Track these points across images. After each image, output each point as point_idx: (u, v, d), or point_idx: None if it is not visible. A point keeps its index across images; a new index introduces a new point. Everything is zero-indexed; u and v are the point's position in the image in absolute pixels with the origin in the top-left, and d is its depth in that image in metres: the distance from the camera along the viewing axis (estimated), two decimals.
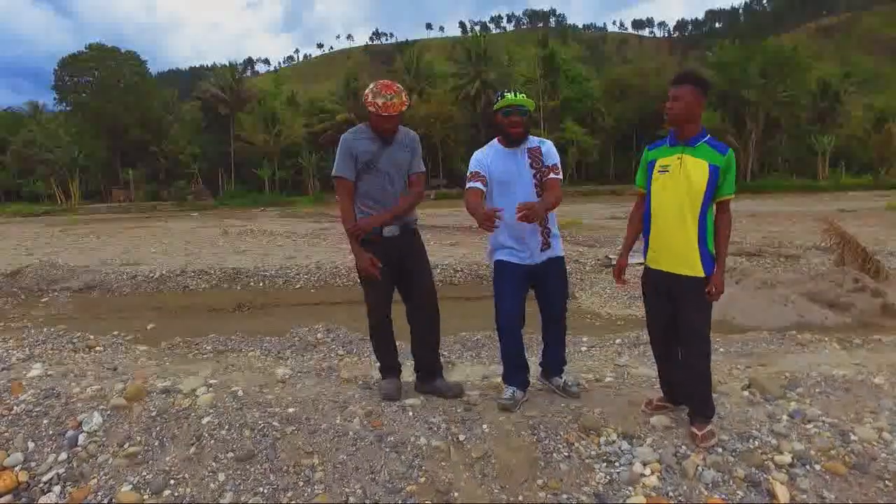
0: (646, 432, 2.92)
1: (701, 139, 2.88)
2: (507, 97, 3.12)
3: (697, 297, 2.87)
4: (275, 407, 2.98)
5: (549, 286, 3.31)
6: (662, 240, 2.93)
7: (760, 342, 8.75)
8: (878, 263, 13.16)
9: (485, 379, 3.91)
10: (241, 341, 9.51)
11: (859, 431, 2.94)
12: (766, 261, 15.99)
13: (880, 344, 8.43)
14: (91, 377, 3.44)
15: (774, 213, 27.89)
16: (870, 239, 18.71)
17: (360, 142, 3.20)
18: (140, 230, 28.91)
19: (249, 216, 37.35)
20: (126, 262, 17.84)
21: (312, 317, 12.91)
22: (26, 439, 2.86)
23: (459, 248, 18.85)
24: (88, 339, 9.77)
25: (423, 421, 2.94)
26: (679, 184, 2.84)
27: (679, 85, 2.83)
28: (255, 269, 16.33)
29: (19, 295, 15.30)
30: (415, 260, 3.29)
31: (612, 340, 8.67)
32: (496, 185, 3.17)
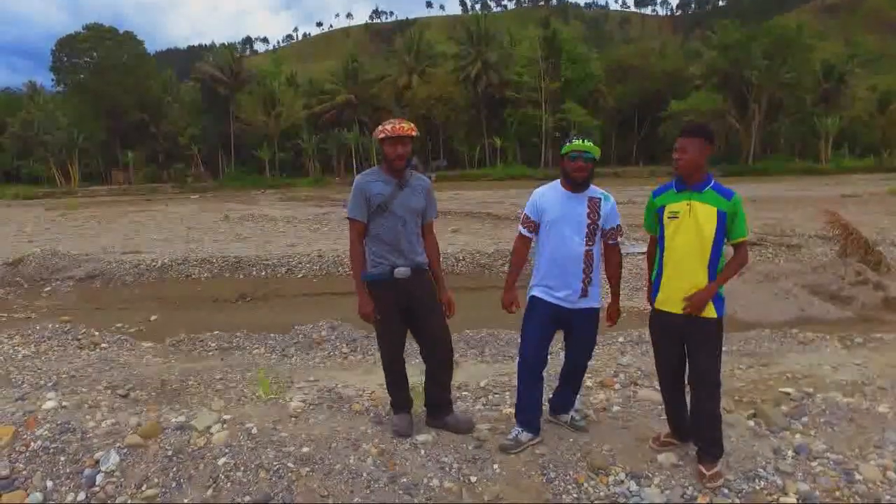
0: (653, 471, 2.97)
1: (707, 185, 2.94)
2: (575, 143, 3.15)
3: (708, 340, 2.92)
4: (289, 446, 3.03)
5: (579, 336, 3.34)
6: (674, 282, 2.98)
7: (762, 341, 8.81)
8: (880, 255, 13.20)
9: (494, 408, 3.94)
10: (246, 338, 9.56)
11: (864, 470, 2.99)
12: (768, 250, 16.00)
13: (882, 343, 8.49)
14: (105, 408, 3.49)
15: (775, 199, 27.82)
16: (872, 227, 18.72)
17: (374, 184, 3.23)
18: (141, 214, 28.90)
19: (250, 199, 37.27)
20: (127, 249, 17.87)
21: (315, 308, 12.98)
22: (44, 477, 2.92)
23: (461, 236, 18.85)
24: (93, 335, 9.84)
25: (435, 460, 2.99)
26: (689, 230, 2.90)
27: (687, 137, 2.91)
28: (257, 257, 16.36)
29: (22, 284, 15.35)
30: (426, 302, 3.32)
31: (615, 339, 8.73)
32: (547, 224, 3.23)
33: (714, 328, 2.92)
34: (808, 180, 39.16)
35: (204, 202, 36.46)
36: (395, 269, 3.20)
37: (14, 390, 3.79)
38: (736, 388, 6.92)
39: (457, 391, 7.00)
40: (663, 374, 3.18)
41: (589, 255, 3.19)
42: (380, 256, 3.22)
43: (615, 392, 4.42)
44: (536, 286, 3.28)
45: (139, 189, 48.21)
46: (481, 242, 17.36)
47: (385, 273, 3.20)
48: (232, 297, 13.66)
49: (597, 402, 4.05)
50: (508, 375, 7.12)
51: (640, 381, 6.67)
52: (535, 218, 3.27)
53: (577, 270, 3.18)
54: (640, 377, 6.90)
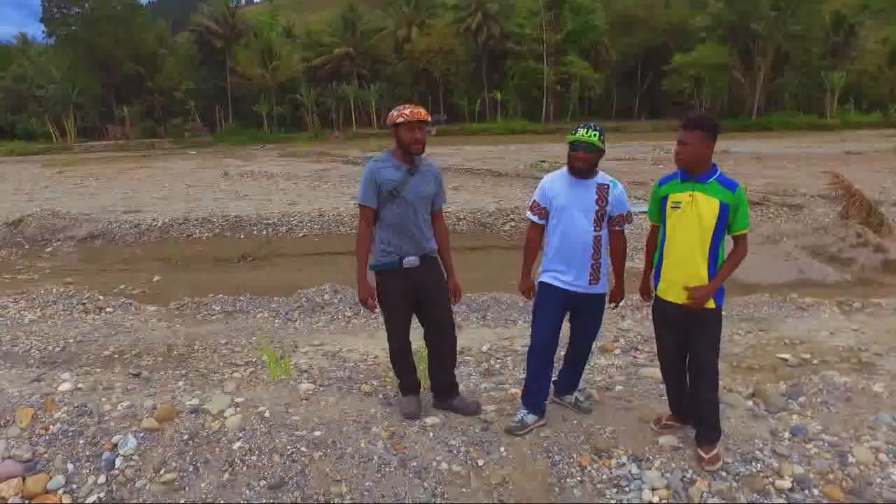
0: (655, 453, 3.08)
1: (711, 176, 2.95)
2: (580, 133, 3.15)
3: (708, 330, 2.99)
4: (301, 429, 3.12)
5: (585, 321, 3.41)
6: (674, 272, 3.02)
7: (761, 306, 8.92)
8: (881, 217, 13.21)
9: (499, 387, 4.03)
10: (249, 302, 9.67)
11: (857, 452, 3.09)
12: (770, 210, 16.00)
13: (879, 308, 8.60)
14: (119, 390, 3.57)
15: (779, 156, 27.58)
16: (875, 186, 18.66)
17: (385, 171, 3.23)
18: (139, 171, 28.70)
19: (249, 155, 36.95)
20: (128, 208, 17.87)
21: (317, 268, 13.09)
22: (65, 461, 3.02)
23: (462, 193, 18.82)
24: (97, 300, 9.94)
25: (443, 443, 3.09)
26: (691, 221, 2.92)
27: (689, 130, 2.88)
28: (258, 216, 16.37)
29: (23, 245, 15.40)
30: (434, 291, 3.36)
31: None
32: (556, 210, 3.26)
33: (714, 318, 2.98)
34: (813, 136, 38.74)
35: (202, 158, 36.16)
36: (403, 258, 3.23)
37: (29, 370, 3.87)
38: (734, 354, 7.06)
39: (459, 356, 7.12)
40: (664, 359, 3.26)
41: (598, 241, 3.23)
42: (389, 244, 3.25)
43: (617, 369, 4.51)
44: (546, 272, 3.33)
45: (137, 145, 47.70)
46: (482, 200, 17.34)
47: (394, 262, 3.23)
48: (234, 258, 13.74)
49: (600, 379, 4.15)
50: (510, 339, 7.25)
51: (640, 345, 6.79)
52: (544, 204, 3.29)
53: (587, 256, 3.22)
54: (640, 342, 7.03)
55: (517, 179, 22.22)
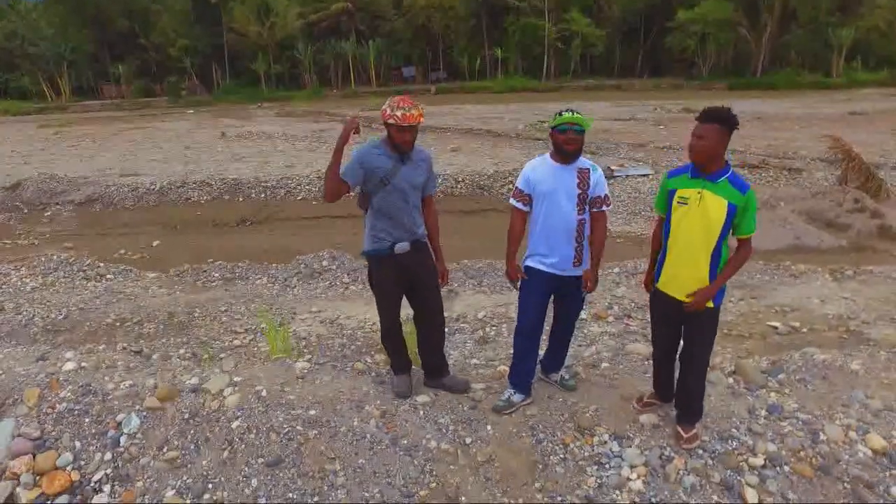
0: (635, 431, 3.22)
1: (723, 175, 2.87)
2: (565, 115, 3.18)
3: (704, 327, 3.02)
4: (297, 408, 3.25)
5: (569, 302, 3.50)
6: (675, 269, 3.03)
7: (755, 273, 9.03)
8: (880, 182, 13.21)
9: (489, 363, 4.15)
10: (248, 268, 9.79)
11: (829, 430, 3.23)
12: (769, 174, 15.97)
13: (871, 276, 8.72)
14: (121, 368, 3.70)
15: (782, 116, 27.28)
16: (877, 149, 18.55)
17: (377, 158, 3.26)
18: (136, 132, 28.47)
19: (246, 115, 36.56)
20: (125, 171, 17.81)
21: (315, 232, 13.18)
22: (72, 438, 3.16)
23: (460, 156, 18.71)
24: (98, 267, 10.05)
25: (433, 422, 3.23)
26: (696, 219, 2.88)
27: (705, 122, 2.80)
28: (256, 179, 16.36)
29: (22, 209, 15.44)
30: (424, 276, 3.45)
31: (610, 270, 8.92)
32: (540, 196, 3.31)
33: (711, 316, 3.01)
34: (818, 95, 38.21)
35: (199, 118, 35.79)
36: (395, 244, 3.30)
37: (34, 348, 3.99)
38: (726, 322, 7.20)
39: (455, 322, 7.29)
40: (658, 347, 3.34)
41: (581, 224, 3.30)
42: (382, 231, 3.32)
43: (605, 345, 4.62)
44: (531, 257, 3.41)
45: (132, 104, 47.05)
46: (481, 162, 17.27)
47: (385, 248, 3.31)
48: (232, 221, 13.81)
49: (587, 355, 4.27)
50: (506, 306, 7.38)
51: (633, 313, 6.91)
52: (528, 191, 3.35)
53: (570, 239, 3.29)
54: (634, 309, 7.15)
55: (516, 140, 22.06)
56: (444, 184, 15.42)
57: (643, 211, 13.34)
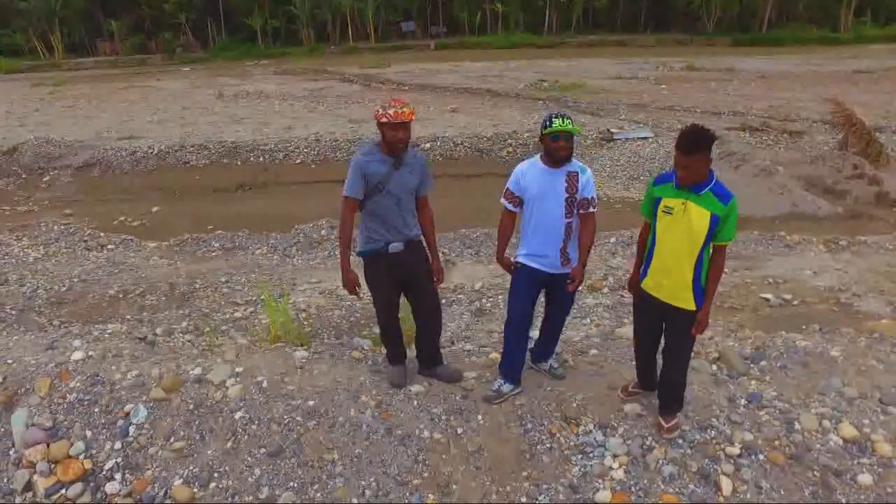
0: (619, 420, 3.37)
1: (707, 186, 2.95)
2: (556, 123, 3.23)
3: (685, 328, 3.14)
4: (296, 399, 3.41)
5: (559, 297, 3.62)
6: (660, 274, 3.15)
7: (750, 243, 9.14)
8: (880, 147, 13.18)
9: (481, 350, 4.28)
10: (248, 238, 9.90)
11: (803, 420, 3.38)
12: (770, 137, 15.87)
13: (864, 246, 8.83)
14: (127, 358, 3.83)
15: (786, 74, 26.87)
16: (880, 110, 18.36)
17: (372, 164, 3.34)
18: (132, 92, 28.11)
19: (243, 73, 35.99)
20: (122, 134, 17.69)
21: (314, 197, 13.23)
22: (83, 428, 3.33)
23: (460, 116, 18.57)
24: (99, 237, 10.15)
25: (426, 411, 3.39)
26: (681, 228, 2.99)
27: (691, 155, 2.84)
28: (254, 142, 16.29)
29: (20, 174, 15.42)
30: (419, 273, 3.55)
31: (607, 240, 9.02)
32: (530, 199, 3.41)
33: (692, 318, 3.12)
34: (824, 52, 37.45)
35: (196, 76, 35.24)
36: (388, 244, 3.40)
37: (42, 335, 4.13)
38: (719, 293, 7.32)
39: (452, 293, 7.44)
40: (639, 342, 3.47)
41: (569, 226, 3.39)
42: (375, 232, 3.41)
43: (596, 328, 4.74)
44: (521, 253, 3.52)
45: (127, 61, 46.24)
46: (480, 124, 17.15)
47: (379, 248, 3.41)
48: (231, 186, 13.84)
49: (577, 340, 4.40)
50: (502, 277, 7.51)
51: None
52: (518, 194, 3.45)
53: (558, 240, 3.40)
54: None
55: (516, 101, 21.81)
56: (443, 146, 15.37)
57: (642, 175, 13.32)
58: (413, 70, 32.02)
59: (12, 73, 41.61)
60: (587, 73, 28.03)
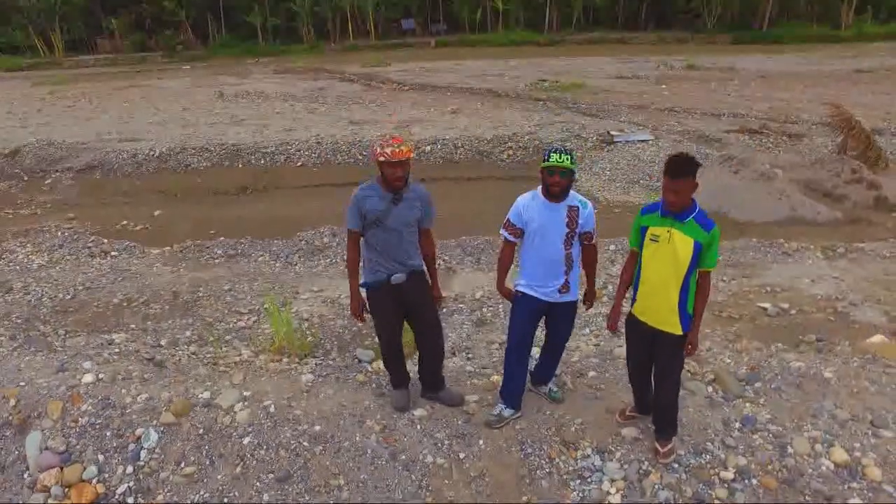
0: (617, 445, 3.47)
1: (690, 214, 3.10)
2: (553, 158, 3.32)
3: (674, 350, 3.28)
4: (303, 424, 3.50)
5: (559, 324, 3.72)
6: (648, 300, 3.28)
7: (748, 250, 9.21)
8: (879, 151, 13.24)
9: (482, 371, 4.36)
10: (250, 245, 9.97)
11: (796, 444, 3.47)
12: (769, 139, 15.92)
13: (862, 254, 8.92)
14: (137, 380, 3.92)
15: (787, 74, 26.88)
16: (881, 111, 18.39)
17: (370, 200, 3.43)
18: (133, 91, 28.12)
19: (244, 72, 35.96)
20: (124, 136, 17.71)
21: (315, 201, 13.30)
22: (95, 452, 3.42)
23: (460, 118, 18.58)
24: (102, 243, 10.22)
25: (429, 436, 3.49)
26: (666, 256, 3.13)
27: (676, 178, 2.99)
28: (255, 144, 16.33)
29: (22, 177, 15.47)
30: (421, 302, 3.65)
31: (606, 247, 9.09)
32: (531, 232, 3.50)
33: (681, 341, 3.25)
34: (825, 50, 37.41)
35: (196, 74, 35.23)
36: (391, 275, 3.49)
37: (52, 356, 4.22)
38: (717, 302, 7.43)
39: (453, 303, 7.52)
40: (632, 365, 3.59)
41: (569, 258, 3.48)
42: (378, 264, 3.51)
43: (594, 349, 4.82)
44: (522, 283, 3.61)
45: (127, 59, 46.23)
46: (481, 125, 17.18)
47: (382, 280, 3.51)
48: (232, 190, 13.88)
49: (576, 360, 4.49)
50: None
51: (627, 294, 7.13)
52: (520, 226, 3.53)
53: (559, 271, 3.49)
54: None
55: (517, 101, 21.81)
56: (443, 149, 15.41)
57: (642, 179, 13.37)
58: (413, 69, 32.03)
59: (13, 71, 41.63)
60: (587, 73, 28.05)
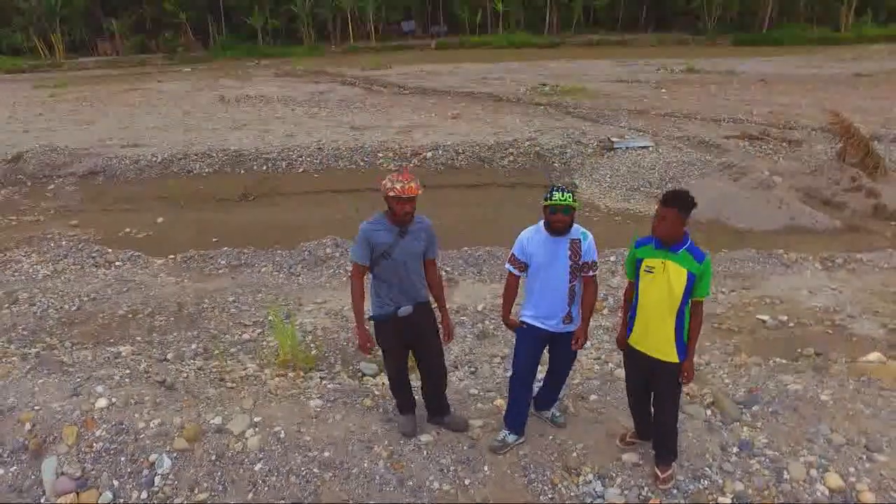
0: (618, 470, 3.57)
1: (682, 246, 3.25)
2: (556, 197, 3.42)
3: (671, 378, 3.41)
4: (313, 450, 3.60)
5: (562, 353, 3.82)
6: (644, 329, 3.41)
7: (747, 261, 9.31)
8: (878, 159, 13.34)
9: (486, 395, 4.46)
10: (253, 255, 10.06)
11: (792, 469, 3.57)
12: (769, 146, 16.00)
13: (860, 265, 9.02)
14: (149, 404, 4.01)
15: (787, 77, 26.96)
16: (880, 116, 18.48)
17: (378, 233, 3.53)
18: (133, 95, 28.15)
19: (244, 74, 36.00)
20: (126, 141, 17.77)
21: (317, 208, 13.40)
22: (111, 477, 3.51)
23: (461, 124, 18.65)
24: (107, 253, 10.30)
25: (435, 462, 3.58)
26: (661, 286, 3.27)
27: (666, 206, 3.17)
28: (257, 150, 16.40)
29: (25, 183, 15.55)
30: (427, 333, 3.76)
31: (607, 258, 9.17)
32: (535, 266, 3.61)
33: (676, 369, 3.37)
34: (825, 53, 37.44)
35: (197, 77, 35.27)
36: (398, 308, 3.60)
37: (66, 379, 4.30)
38: (716, 315, 7.53)
39: (455, 315, 7.61)
40: (631, 392, 3.71)
41: (572, 290, 3.59)
42: (385, 297, 3.62)
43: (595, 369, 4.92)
44: (527, 314, 3.72)
45: (128, 60, 46.30)
46: (482, 131, 17.26)
47: (390, 313, 3.61)
48: (235, 196, 13.95)
49: (577, 382, 4.59)
50: None
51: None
52: (524, 260, 3.64)
53: (563, 303, 3.60)
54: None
55: (517, 106, 21.87)
56: (444, 156, 15.48)
57: (642, 186, 13.45)
58: (414, 72, 32.08)
59: (13, 73, 41.71)
60: (587, 76, 28.12)
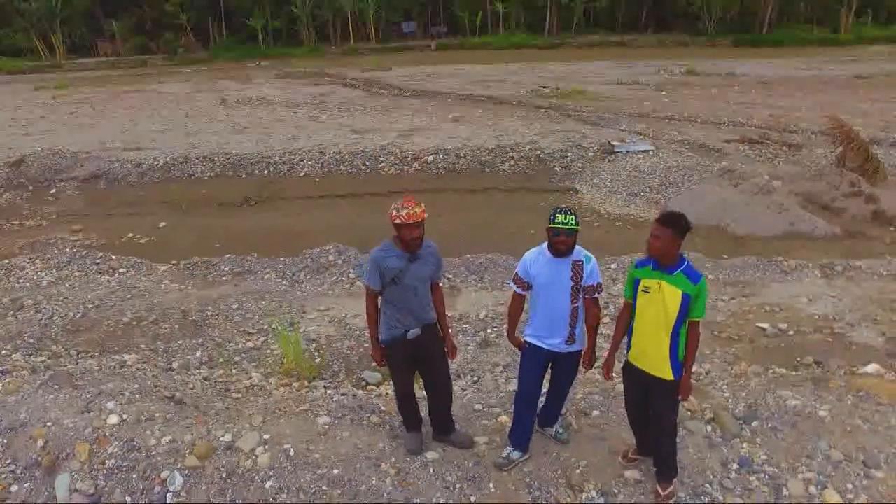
0: (620, 487, 3.64)
1: (678, 268, 3.34)
2: (559, 219, 3.48)
3: (667, 396, 3.49)
4: (322, 467, 3.67)
5: (564, 371, 3.90)
6: (641, 347, 3.50)
7: (747, 269, 9.37)
8: (877, 163, 13.40)
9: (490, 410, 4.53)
10: (257, 262, 10.13)
11: (791, 486, 3.64)
12: (769, 150, 16.04)
13: (859, 272, 9.08)
14: (160, 421, 4.08)
15: (787, 79, 27.01)
16: (879, 120, 18.52)
17: (389, 259, 3.63)
18: (135, 96, 28.20)
19: (245, 76, 36.02)
20: (127, 144, 17.80)
21: (319, 212, 13.48)
22: (123, 494, 3.59)
23: (462, 126, 18.68)
24: (111, 260, 10.36)
25: (442, 479, 3.66)
26: (657, 307, 3.36)
27: (661, 225, 3.26)
28: (259, 154, 16.45)
29: (27, 186, 15.59)
30: (433, 353, 3.85)
31: (608, 265, 9.22)
32: (538, 286, 3.69)
33: (673, 387, 3.46)
34: (825, 54, 37.47)
35: (197, 79, 35.32)
36: (407, 331, 3.70)
37: (77, 394, 4.36)
38: (716, 322, 7.59)
39: (457, 323, 7.67)
40: (630, 410, 3.79)
41: (574, 311, 3.67)
42: (395, 320, 3.72)
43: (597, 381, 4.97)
44: (531, 334, 3.80)
45: (128, 62, 46.38)
46: (483, 135, 17.30)
47: (399, 335, 3.71)
48: (237, 201, 14.01)
49: (580, 398, 4.65)
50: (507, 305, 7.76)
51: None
52: (527, 280, 3.72)
53: (565, 324, 3.68)
54: None
55: (518, 108, 21.90)
56: (445, 160, 15.54)
57: (643, 192, 13.48)
58: (414, 73, 32.12)
59: (14, 74, 41.77)
60: (588, 78, 28.16)
